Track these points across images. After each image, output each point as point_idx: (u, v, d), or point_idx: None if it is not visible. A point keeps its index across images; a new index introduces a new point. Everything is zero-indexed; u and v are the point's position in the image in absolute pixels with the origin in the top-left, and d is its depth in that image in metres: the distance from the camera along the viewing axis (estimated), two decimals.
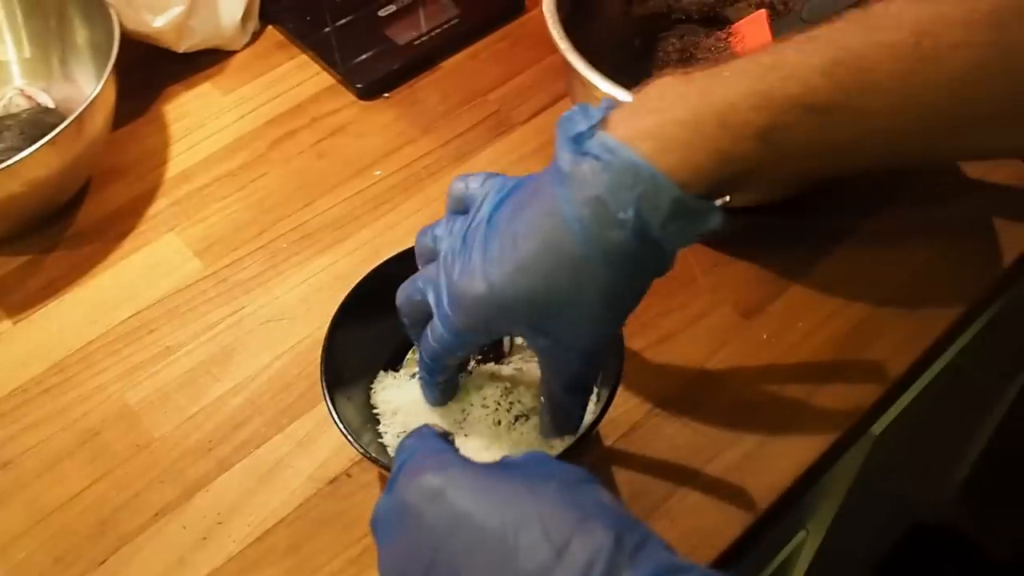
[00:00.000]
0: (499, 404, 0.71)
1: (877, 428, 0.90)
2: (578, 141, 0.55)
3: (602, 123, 0.55)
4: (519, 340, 0.74)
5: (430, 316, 0.63)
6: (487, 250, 0.58)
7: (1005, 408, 1.32)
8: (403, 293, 0.66)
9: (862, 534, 1.36)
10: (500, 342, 0.73)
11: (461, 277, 0.59)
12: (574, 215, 0.54)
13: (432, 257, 0.64)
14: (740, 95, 0.53)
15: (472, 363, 0.73)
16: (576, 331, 0.58)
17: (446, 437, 0.57)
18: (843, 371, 0.80)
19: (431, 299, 0.62)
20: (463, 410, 0.71)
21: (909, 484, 1.45)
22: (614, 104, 0.56)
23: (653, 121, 0.54)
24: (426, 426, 0.58)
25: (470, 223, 0.60)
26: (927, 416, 1.07)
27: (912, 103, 0.54)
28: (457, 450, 0.55)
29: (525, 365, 0.73)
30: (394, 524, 0.51)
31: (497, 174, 0.63)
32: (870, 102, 0.54)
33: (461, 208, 0.63)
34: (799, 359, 0.81)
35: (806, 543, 1.12)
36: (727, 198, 0.56)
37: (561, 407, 0.65)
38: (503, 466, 0.53)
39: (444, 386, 0.69)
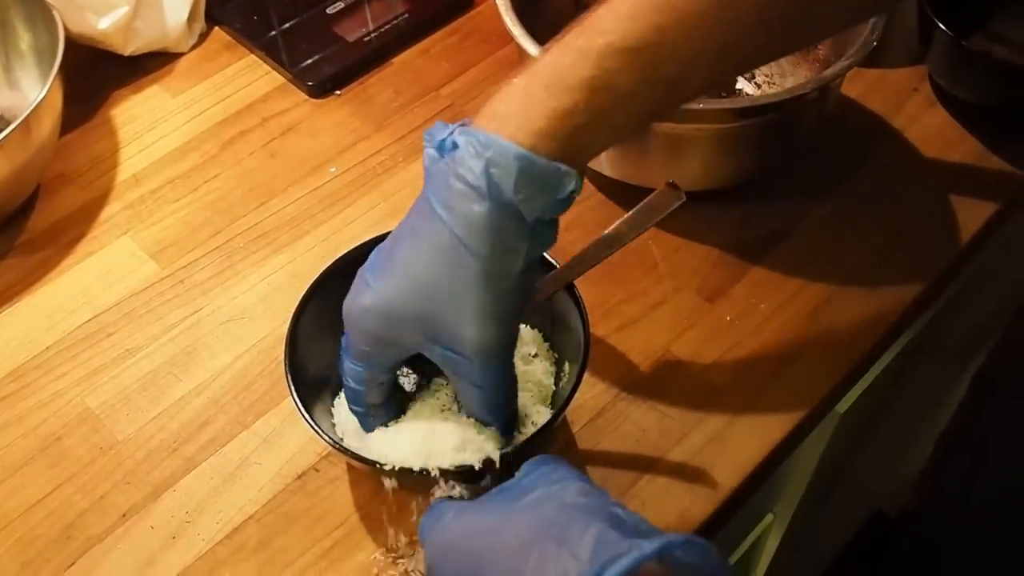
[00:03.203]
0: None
1: (842, 406, 0.91)
2: (440, 143, 0.57)
3: (460, 127, 0.57)
4: None
5: None
6: (374, 267, 0.61)
7: (962, 394, 1.34)
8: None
9: (827, 522, 1.37)
10: None
11: (351, 297, 0.62)
12: (439, 202, 0.56)
13: None
14: (560, 57, 0.56)
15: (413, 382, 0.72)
16: (465, 331, 0.58)
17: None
18: (807, 350, 0.80)
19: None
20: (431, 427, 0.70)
21: (872, 473, 1.46)
22: (470, 120, 0.58)
23: (494, 107, 0.57)
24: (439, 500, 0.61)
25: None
26: (890, 396, 1.08)
27: (723, 20, 0.56)
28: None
29: None
30: None
31: None
32: (682, 32, 0.55)
33: None
34: (763, 340, 0.81)
35: (773, 527, 1.13)
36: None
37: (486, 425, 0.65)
38: (491, 499, 0.56)
39: (376, 413, 0.67)
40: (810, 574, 1.63)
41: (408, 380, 0.70)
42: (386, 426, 0.67)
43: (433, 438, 0.64)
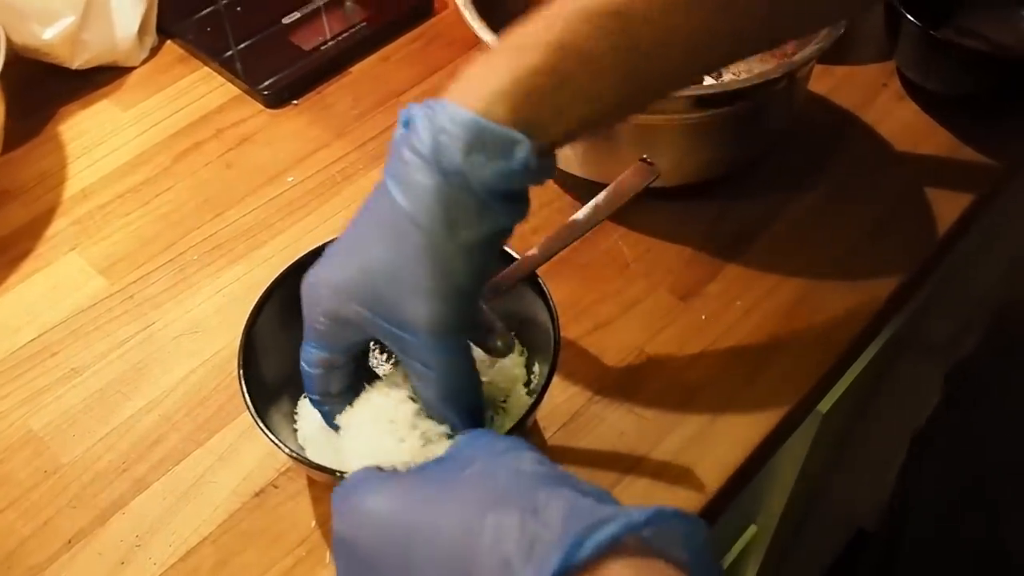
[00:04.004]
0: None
1: (824, 406, 0.88)
2: (405, 119, 0.54)
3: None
4: None
5: None
6: (332, 245, 0.59)
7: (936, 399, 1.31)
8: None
9: (810, 538, 1.34)
10: None
11: (306, 276, 0.59)
12: (391, 175, 0.54)
13: None
14: (531, 22, 0.54)
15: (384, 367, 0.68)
16: (409, 307, 0.54)
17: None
18: (786, 348, 0.77)
19: None
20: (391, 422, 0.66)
21: (854, 489, 1.43)
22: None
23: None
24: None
25: None
26: (873, 397, 1.05)
27: None
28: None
29: None
30: (339, 556, 0.49)
31: None
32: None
33: None
34: (740, 338, 0.78)
35: (756, 540, 1.09)
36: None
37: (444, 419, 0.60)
38: (423, 469, 0.50)
39: (334, 403, 0.63)
40: None
41: (382, 367, 0.68)
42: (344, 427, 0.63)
43: (396, 437, 0.60)
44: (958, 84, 0.91)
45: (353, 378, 0.62)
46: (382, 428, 0.60)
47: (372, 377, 0.65)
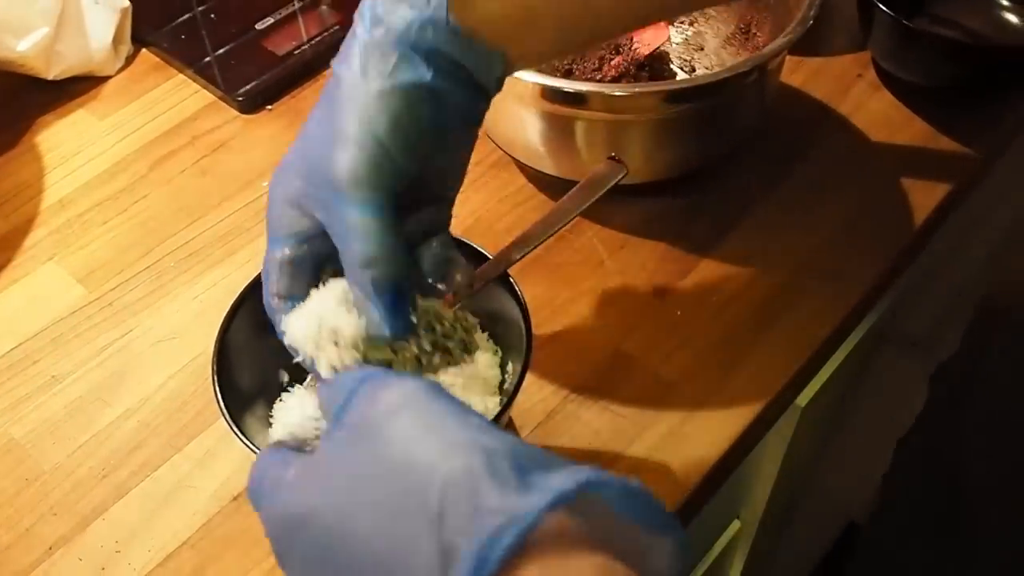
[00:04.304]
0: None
1: (802, 399, 0.88)
2: None
3: None
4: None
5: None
6: None
7: (924, 395, 1.31)
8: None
9: (798, 532, 1.34)
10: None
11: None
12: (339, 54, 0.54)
13: None
14: None
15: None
16: (334, 162, 0.52)
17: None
18: (762, 341, 0.77)
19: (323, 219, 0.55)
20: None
21: (839, 479, 1.43)
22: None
23: None
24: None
25: None
26: (853, 390, 1.05)
27: None
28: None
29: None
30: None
31: None
32: None
33: None
34: (716, 334, 0.78)
35: (741, 535, 1.09)
36: None
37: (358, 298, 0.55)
38: (323, 447, 0.45)
39: (281, 307, 0.58)
40: None
41: None
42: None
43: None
44: (934, 74, 0.91)
45: (300, 280, 0.58)
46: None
47: None
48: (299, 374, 0.72)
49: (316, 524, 0.41)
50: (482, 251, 0.67)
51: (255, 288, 0.69)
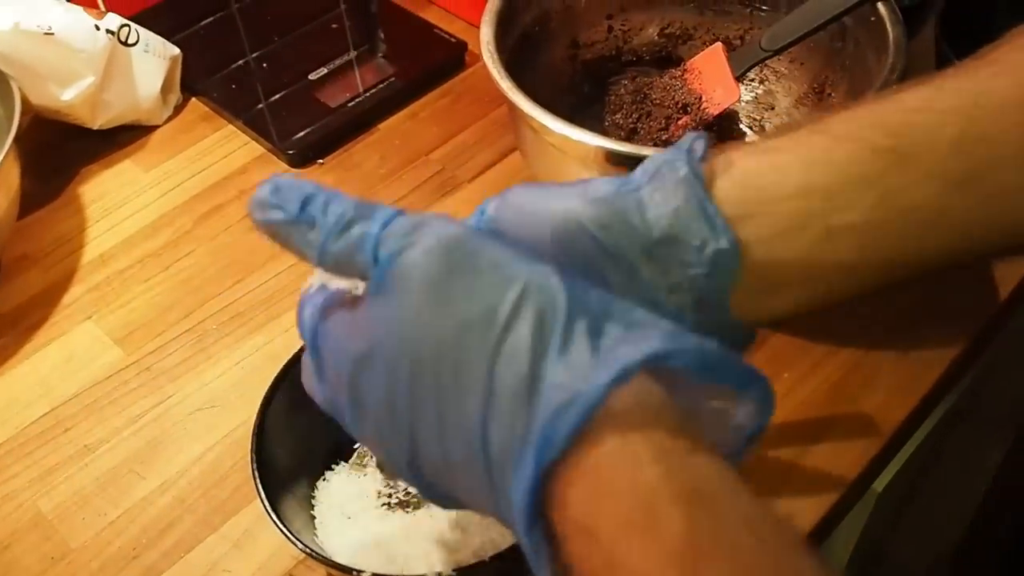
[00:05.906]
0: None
1: (879, 484, 0.83)
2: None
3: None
4: None
5: None
6: None
7: (1000, 459, 1.26)
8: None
9: None
10: None
11: None
12: None
13: None
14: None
15: None
16: None
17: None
18: (836, 424, 0.72)
19: None
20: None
21: (908, 548, 1.37)
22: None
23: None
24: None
25: None
26: (929, 470, 1.00)
27: None
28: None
29: None
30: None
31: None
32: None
33: None
34: (787, 414, 0.73)
35: None
36: None
37: None
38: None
39: None
40: None
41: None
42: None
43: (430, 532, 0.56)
44: None
45: None
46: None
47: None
48: (342, 451, 0.68)
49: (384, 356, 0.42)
50: None
51: (298, 360, 0.65)
